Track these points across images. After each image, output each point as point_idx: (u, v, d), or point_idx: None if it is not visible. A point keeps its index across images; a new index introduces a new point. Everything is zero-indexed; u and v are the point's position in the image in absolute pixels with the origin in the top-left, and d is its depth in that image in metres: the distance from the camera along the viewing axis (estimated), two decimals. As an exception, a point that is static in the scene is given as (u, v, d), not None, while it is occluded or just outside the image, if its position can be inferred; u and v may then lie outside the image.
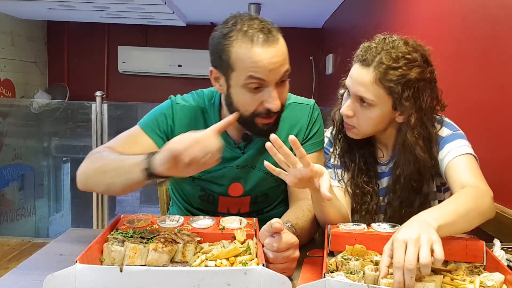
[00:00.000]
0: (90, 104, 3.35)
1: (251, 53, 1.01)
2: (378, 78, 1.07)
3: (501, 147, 1.39)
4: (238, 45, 1.02)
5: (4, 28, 4.77)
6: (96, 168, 1.04)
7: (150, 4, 3.95)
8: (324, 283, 0.73)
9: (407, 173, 1.13)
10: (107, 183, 1.01)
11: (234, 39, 1.03)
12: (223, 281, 0.74)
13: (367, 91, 1.08)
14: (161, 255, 0.84)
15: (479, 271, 0.88)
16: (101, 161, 1.04)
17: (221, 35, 1.06)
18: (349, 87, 1.12)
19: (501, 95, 1.40)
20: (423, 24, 2.11)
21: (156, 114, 1.21)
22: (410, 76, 1.07)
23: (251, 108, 1.07)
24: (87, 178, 1.06)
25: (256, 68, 1.01)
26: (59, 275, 0.73)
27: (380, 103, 1.09)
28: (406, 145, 1.11)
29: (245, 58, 1.02)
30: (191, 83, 5.58)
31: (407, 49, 1.09)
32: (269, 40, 1.02)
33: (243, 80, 1.03)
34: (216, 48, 1.07)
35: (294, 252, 0.88)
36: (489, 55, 1.48)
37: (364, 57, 1.09)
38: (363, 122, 1.12)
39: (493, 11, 1.47)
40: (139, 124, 1.21)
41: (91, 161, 1.07)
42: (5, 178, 4.05)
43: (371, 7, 3.19)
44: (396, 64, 1.06)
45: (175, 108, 1.20)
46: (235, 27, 1.04)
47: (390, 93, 1.08)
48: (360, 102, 1.11)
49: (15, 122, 4.14)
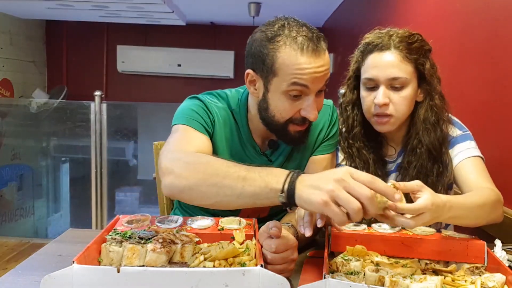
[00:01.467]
0: (89, 104, 3.34)
1: (298, 60, 0.99)
2: (404, 54, 1.11)
3: (502, 147, 1.38)
4: (285, 51, 1.00)
5: (3, 27, 4.77)
6: (205, 179, 0.86)
7: (149, 3, 3.95)
8: (325, 284, 0.72)
9: (420, 153, 1.15)
10: (220, 199, 0.85)
11: (282, 44, 1.00)
12: (221, 281, 0.74)
13: (399, 70, 1.11)
14: (159, 255, 0.83)
15: (480, 271, 0.87)
16: (208, 169, 0.87)
17: (266, 38, 1.02)
18: (378, 76, 1.12)
19: (502, 95, 1.39)
20: (423, 24, 2.10)
21: (195, 110, 1.12)
22: (426, 47, 1.14)
23: (288, 115, 1.05)
24: (190, 189, 0.87)
25: (301, 76, 1.00)
26: (56, 276, 0.72)
27: (411, 79, 1.12)
28: (424, 121, 1.14)
29: (292, 65, 0.99)
30: (190, 82, 5.60)
31: (404, 29, 1.16)
32: (317, 49, 1.00)
33: (286, 86, 1.01)
34: (258, 51, 1.03)
35: (292, 253, 0.87)
36: (491, 55, 1.48)
37: (380, 44, 1.12)
38: (399, 106, 1.13)
39: (494, 11, 1.47)
40: (182, 123, 1.09)
41: (191, 167, 0.89)
42: (4, 178, 4.05)
43: (371, 7, 3.19)
44: (412, 40, 1.13)
45: (210, 106, 1.14)
46: (282, 31, 1.01)
47: (417, 66, 1.13)
48: (392, 87, 1.12)
49: (14, 122, 4.14)
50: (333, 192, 0.72)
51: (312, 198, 0.74)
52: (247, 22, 4.81)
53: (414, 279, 0.78)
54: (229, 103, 1.17)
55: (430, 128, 1.15)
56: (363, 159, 1.20)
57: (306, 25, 1.03)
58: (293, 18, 1.05)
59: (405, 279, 0.77)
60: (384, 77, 1.11)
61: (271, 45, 1.01)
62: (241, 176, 0.82)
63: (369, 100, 1.15)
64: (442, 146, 1.15)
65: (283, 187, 0.78)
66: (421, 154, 1.15)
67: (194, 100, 1.16)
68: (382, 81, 1.12)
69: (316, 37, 1.01)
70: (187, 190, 0.87)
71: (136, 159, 4.38)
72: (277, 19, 1.05)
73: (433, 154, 1.15)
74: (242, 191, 0.81)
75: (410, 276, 0.79)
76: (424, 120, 1.15)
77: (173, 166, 0.90)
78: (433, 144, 1.14)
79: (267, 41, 1.01)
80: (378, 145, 1.23)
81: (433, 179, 1.15)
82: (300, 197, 0.76)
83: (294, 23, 1.03)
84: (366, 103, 1.16)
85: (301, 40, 0.99)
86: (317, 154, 1.21)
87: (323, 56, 1.02)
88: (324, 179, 0.75)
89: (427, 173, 1.15)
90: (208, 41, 5.62)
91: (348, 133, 1.22)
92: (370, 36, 1.16)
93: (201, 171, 0.87)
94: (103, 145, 3.36)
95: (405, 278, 0.78)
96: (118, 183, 4.38)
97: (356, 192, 0.72)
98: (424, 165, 1.15)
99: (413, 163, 1.16)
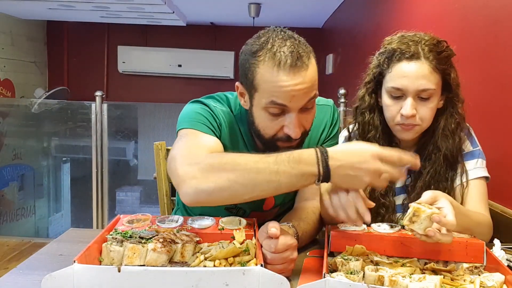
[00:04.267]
0: (90, 104, 3.35)
1: (275, 77, 0.95)
2: (434, 65, 1.08)
3: (501, 147, 1.38)
4: (264, 67, 0.96)
5: (4, 28, 4.77)
6: (236, 178, 0.86)
7: (150, 4, 3.95)
8: (324, 283, 0.73)
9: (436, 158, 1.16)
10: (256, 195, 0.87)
11: (262, 59, 0.96)
12: (221, 281, 0.74)
13: (429, 82, 1.08)
14: (159, 255, 0.84)
15: (479, 271, 0.88)
16: (237, 167, 0.86)
17: (250, 53, 0.99)
18: (407, 86, 1.09)
19: (502, 95, 1.39)
20: (423, 24, 2.11)
21: (201, 113, 1.09)
22: (452, 55, 1.13)
23: (270, 132, 1.02)
24: (219, 190, 0.86)
25: (278, 93, 0.96)
26: (57, 275, 0.73)
27: (438, 90, 1.11)
28: (443, 129, 1.15)
29: (269, 82, 0.96)
30: (191, 83, 5.60)
31: (430, 35, 1.13)
32: (296, 66, 0.95)
33: (264, 103, 0.98)
34: (243, 65, 1.02)
35: (292, 253, 0.87)
36: (490, 55, 1.48)
37: (408, 52, 1.09)
38: (425, 116, 1.11)
39: (493, 11, 1.47)
40: (189, 127, 1.06)
41: (216, 168, 0.87)
42: (5, 178, 4.05)
43: (371, 7, 3.19)
44: (440, 48, 1.10)
45: (215, 110, 1.11)
46: (265, 45, 0.97)
47: (444, 76, 1.11)
48: (419, 97, 1.10)
49: (15, 122, 4.14)
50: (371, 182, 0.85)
51: (353, 186, 0.86)
52: (247, 22, 4.81)
53: (413, 279, 0.78)
54: (231, 107, 1.15)
55: (448, 135, 1.14)
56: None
57: (293, 38, 0.99)
58: (282, 31, 1.01)
59: (404, 279, 0.78)
60: (413, 88, 1.08)
61: (252, 59, 0.98)
62: (274, 170, 0.85)
63: (395, 109, 1.12)
64: (459, 154, 1.15)
65: (319, 170, 0.85)
66: (437, 160, 1.14)
67: (198, 104, 1.13)
68: (410, 92, 1.09)
69: (298, 53, 0.95)
70: (218, 191, 0.86)
71: (137, 159, 4.39)
72: (266, 32, 1.01)
73: (449, 160, 1.15)
74: (279, 184, 0.86)
75: (409, 276, 0.80)
76: (444, 127, 1.14)
77: (194, 171, 0.87)
78: (451, 151, 1.14)
79: (250, 55, 0.99)
80: None
81: (445, 185, 1.15)
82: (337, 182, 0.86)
83: (280, 36, 0.98)
84: (390, 112, 1.13)
85: (280, 56, 0.95)
86: None
87: (303, 73, 0.96)
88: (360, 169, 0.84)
89: (440, 179, 1.15)
90: (208, 41, 5.62)
91: (363, 138, 1.20)
92: (394, 41, 1.12)
93: (230, 169, 0.86)
94: (104, 145, 3.37)
95: (404, 278, 0.78)
96: (119, 183, 4.39)
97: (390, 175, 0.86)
98: (438, 170, 1.14)
99: (427, 168, 1.15)
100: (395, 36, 1.15)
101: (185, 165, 0.90)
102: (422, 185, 1.15)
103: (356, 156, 0.85)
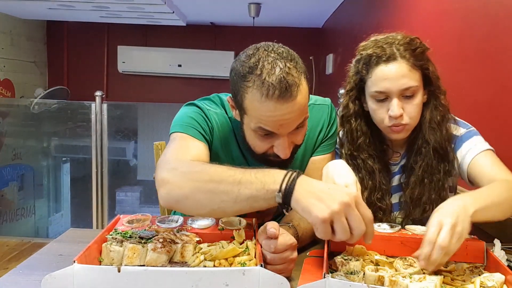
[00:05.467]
0: (89, 104, 3.35)
1: (263, 106, 0.93)
2: (412, 63, 1.10)
3: (501, 147, 1.38)
4: (252, 94, 0.94)
5: (4, 28, 4.77)
6: (200, 186, 0.85)
7: (150, 4, 3.95)
8: (324, 283, 0.73)
9: (426, 153, 1.16)
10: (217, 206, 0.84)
11: (251, 85, 0.94)
12: (221, 281, 0.74)
13: (410, 80, 1.10)
14: (159, 255, 0.84)
15: (480, 271, 0.88)
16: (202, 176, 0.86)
17: (240, 75, 0.97)
18: (389, 88, 1.10)
19: (502, 95, 1.39)
20: (423, 24, 2.11)
21: (194, 117, 1.09)
22: (427, 49, 1.14)
23: (260, 150, 1.02)
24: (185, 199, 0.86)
25: (266, 122, 0.95)
26: (57, 275, 0.73)
27: (420, 86, 1.12)
28: (430, 122, 1.15)
29: (257, 109, 0.95)
30: (191, 83, 5.60)
31: (402, 34, 1.14)
32: (285, 97, 0.92)
33: (253, 126, 0.98)
34: (233, 84, 1.00)
35: (292, 253, 0.87)
36: (490, 55, 1.48)
37: (384, 55, 1.10)
38: (413, 114, 1.13)
39: (494, 11, 1.47)
40: (180, 131, 1.07)
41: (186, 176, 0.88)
42: (5, 178, 4.05)
43: (371, 7, 3.19)
44: (413, 46, 1.12)
45: (209, 113, 1.12)
46: (255, 70, 0.94)
47: (423, 72, 1.13)
48: (403, 96, 1.11)
49: (15, 122, 4.14)
50: (336, 215, 0.73)
51: (312, 210, 0.74)
52: (247, 22, 4.81)
53: (414, 279, 0.78)
54: (226, 109, 1.15)
55: (435, 127, 1.15)
56: (369, 170, 1.20)
57: (284, 60, 0.94)
58: (274, 50, 0.96)
59: (405, 279, 0.78)
60: (396, 89, 1.10)
61: (242, 83, 0.96)
62: (237, 180, 0.81)
63: (382, 112, 1.13)
64: (448, 145, 1.16)
65: (281, 187, 0.78)
66: (427, 153, 1.15)
67: (192, 107, 1.13)
68: (394, 93, 1.10)
69: (286, 82, 0.91)
70: (183, 199, 0.86)
71: (137, 159, 4.39)
72: (257, 50, 0.97)
73: (439, 152, 1.15)
74: (238, 195, 0.81)
75: (409, 276, 0.80)
76: (430, 120, 1.16)
77: (169, 177, 0.89)
78: (439, 143, 1.15)
79: (240, 78, 0.97)
80: (383, 153, 1.23)
81: (439, 177, 1.16)
82: (298, 201, 0.76)
83: (271, 57, 0.94)
84: (378, 115, 1.14)
85: (268, 84, 0.92)
86: (317, 154, 1.20)
87: (291, 102, 0.93)
88: (330, 195, 0.75)
89: (433, 171, 1.16)
90: (208, 41, 5.62)
91: (352, 145, 1.21)
92: (369, 46, 1.14)
93: (195, 179, 0.86)
94: (104, 145, 3.37)
95: (405, 278, 0.78)
96: (119, 183, 4.39)
97: (354, 225, 0.75)
98: (430, 164, 1.15)
99: (418, 163, 1.16)
100: (369, 41, 1.16)
101: (164, 171, 0.91)
102: (415, 179, 1.17)
103: (331, 185, 0.80)
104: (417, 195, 1.17)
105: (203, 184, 0.85)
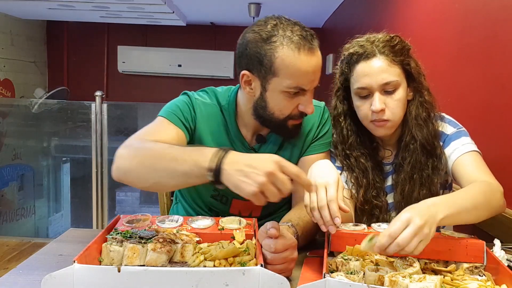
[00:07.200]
0: (89, 104, 3.35)
1: (298, 60, 1.01)
2: (391, 58, 1.13)
3: (501, 147, 1.38)
4: (283, 52, 1.01)
5: (4, 28, 4.77)
6: (143, 161, 0.91)
7: (150, 4, 3.95)
8: (324, 283, 0.73)
9: (414, 149, 1.17)
10: (156, 180, 0.90)
11: (279, 44, 1.01)
12: (222, 281, 0.74)
13: (390, 74, 1.12)
14: (159, 255, 0.84)
15: (480, 271, 0.88)
16: (147, 152, 0.93)
17: (261, 39, 1.03)
18: (370, 83, 1.12)
19: (501, 95, 1.39)
20: (423, 24, 2.11)
21: (178, 105, 1.17)
22: (407, 47, 1.16)
23: (287, 111, 1.08)
24: (130, 171, 0.93)
25: (301, 77, 1.02)
26: (57, 275, 0.73)
27: (401, 81, 1.14)
28: (416, 118, 1.16)
29: (291, 66, 1.01)
30: (190, 83, 5.60)
31: (383, 33, 1.18)
32: (313, 49, 1.03)
33: (285, 86, 1.03)
34: (254, 52, 1.04)
35: (292, 253, 0.87)
36: (490, 55, 1.48)
37: (364, 52, 1.13)
38: (395, 109, 1.14)
39: (493, 11, 1.47)
40: (162, 115, 1.15)
41: (135, 152, 0.95)
42: (5, 178, 4.05)
43: (371, 7, 3.19)
44: (393, 42, 1.14)
45: (196, 102, 1.18)
46: (277, 31, 1.02)
47: (403, 67, 1.14)
48: (385, 91, 1.13)
49: (15, 122, 4.14)
50: (263, 186, 0.78)
51: (242, 186, 0.79)
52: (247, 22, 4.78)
53: (414, 279, 0.78)
54: (219, 99, 1.20)
55: (422, 123, 1.16)
56: (362, 168, 1.21)
57: (298, 24, 1.05)
58: (284, 17, 1.06)
59: (405, 279, 0.78)
60: (376, 84, 1.12)
61: (267, 45, 1.02)
62: (174, 157, 0.87)
63: (365, 108, 1.15)
64: (435, 140, 1.17)
65: (210, 166, 0.81)
66: (415, 150, 1.17)
67: (183, 95, 1.20)
68: (375, 88, 1.13)
69: (311, 35, 1.03)
70: (128, 172, 0.94)
71: (137, 159, 4.37)
72: (268, 18, 1.06)
73: (426, 148, 1.16)
74: (174, 171, 0.86)
75: (409, 276, 0.79)
76: (416, 116, 1.17)
77: (122, 152, 0.96)
78: (426, 139, 1.16)
79: (263, 41, 1.02)
80: (375, 151, 1.24)
81: (428, 173, 1.17)
82: (228, 180, 0.81)
83: (287, 22, 1.04)
84: (362, 111, 1.16)
85: (297, 39, 1.01)
86: (308, 154, 1.22)
87: (318, 53, 1.04)
88: (255, 167, 0.79)
89: (421, 167, 1.17)
90: (208, 41, 5.62)
91: (344, 144, 1.23)
92: (351, 46, 1.18)
93: (141, 154, 0.93)
94: (104, 145, 3.37)
95: (405, 278, 0.78)
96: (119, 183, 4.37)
97: (282, 187, 0.79)
98: (418, 159, 1.16)
99: (407, 159, 1.18)
100: (352, 42, 1.20)
101: (122, 146, 0.98)
102: (404, 176, 1.18)
103: (254, 157, 0.82)
104: (408, 192, 1.18)
105: (145, 159, 0.91)
